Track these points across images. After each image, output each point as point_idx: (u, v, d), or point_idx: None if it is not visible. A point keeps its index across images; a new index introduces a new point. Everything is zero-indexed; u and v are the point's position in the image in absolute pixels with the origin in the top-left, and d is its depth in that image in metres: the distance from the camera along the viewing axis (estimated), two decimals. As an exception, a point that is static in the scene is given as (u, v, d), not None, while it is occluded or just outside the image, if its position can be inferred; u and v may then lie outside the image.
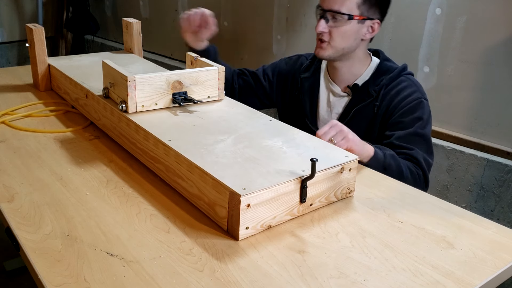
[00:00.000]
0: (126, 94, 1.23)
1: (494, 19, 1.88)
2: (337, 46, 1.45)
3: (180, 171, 1.07)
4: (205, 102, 1.35)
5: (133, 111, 1.24)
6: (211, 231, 0.96)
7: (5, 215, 0.98)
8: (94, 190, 1.10)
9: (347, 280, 0.84)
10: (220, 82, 1.37)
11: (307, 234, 0.96)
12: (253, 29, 2.87)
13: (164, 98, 1.28)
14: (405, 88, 1.45)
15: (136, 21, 1.85)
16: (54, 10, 4.13)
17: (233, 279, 0.83)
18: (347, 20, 1.41)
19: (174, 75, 1.29)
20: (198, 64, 1.41)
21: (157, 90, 1.27)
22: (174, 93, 1.29)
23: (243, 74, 1.73)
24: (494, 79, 1.93)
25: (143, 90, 1.24)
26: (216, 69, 1.36)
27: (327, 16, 1.42)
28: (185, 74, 1.30)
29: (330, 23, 1.43)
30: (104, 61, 1.33)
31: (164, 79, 1.27)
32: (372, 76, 1.50)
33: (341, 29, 1.42)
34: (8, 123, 1.43)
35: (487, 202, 1.99)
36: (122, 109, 1.24)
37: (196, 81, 1.32)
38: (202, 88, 1.34)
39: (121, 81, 1.24)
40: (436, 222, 1.02)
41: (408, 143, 1.40)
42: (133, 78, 1.22)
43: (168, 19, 3.44)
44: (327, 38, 1.44)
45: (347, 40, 1.45)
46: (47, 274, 0.82)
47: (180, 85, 1.29)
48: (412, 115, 1.42)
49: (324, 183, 1.04)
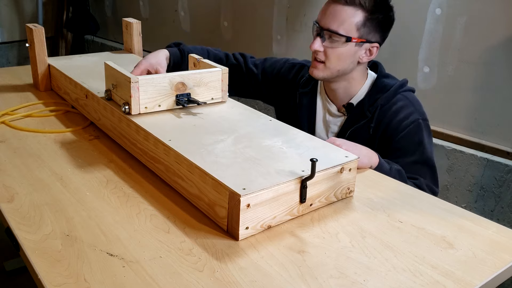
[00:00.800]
0: (129, 96, 1.21)
1: (494, 19, 1.88)
2: (332, 68, 1.38)
3: (180, 171, 1.07)
4: (209, 104, 1.34)
5: (136, 113, 1.23)
6: (211, 231, 0.96)
7: (5, 215, 0.98)
8: (94, 190, 1.10)
9: (347, 280, 0.84)
10: (223, 83, 1.35)
11: (307, 234, 0.96)
12: (253, 29, 2.87)
13: (168, 99, 1.27)
14: (402, 109, 1.38)
15: (136, 21, 1.85)
16: (54, 10, 4.13)
17: (233, 279, 0.83)
18: (344, 42, 1.34)
19: (177, 76, 1.27)
20: (202, 66, 1.40)
21: (161, 91, 1.25)
22: (178, 94, 1.28)
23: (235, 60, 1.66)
24: (494, 79, 1.93)
25: (147, 92, 1.23)
26: (219, 71, 1.34)
27: (324, 35, 1.35)
28: (188, 75, 1.29)
29: (326, 43, 1.36)
30: (107, 62, 1.31)
31: (168, 80, 1.26)
32: (367, 95, 1.43)
33: (337, 51, 1.35)
34: (8, 123, 1.43)
35: (487, 202, 1.99)
36: (125, 111, 1.23)
37: (199, 82, 1.31)
38: (205, 90, 1.33)
39: (124, 82, 1.23)
40: (436, 222, 1.02)
41: (412, 173, 1.35)
42: (136, 79, 1.20)
43: (168, 19, 3.44)
44: (323, 58, 1.37)
45: (343, 62, 1.38)
46: (47, 274, 0.82)
47: (183, 86, 1.28)
48: (411, 140, 1.36)
49: (324, 183, 1.04)
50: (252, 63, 1.64)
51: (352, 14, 1.33)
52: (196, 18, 3.25)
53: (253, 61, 1.66)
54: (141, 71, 1.43)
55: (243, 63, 1.64)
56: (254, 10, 2.83)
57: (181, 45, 1.61)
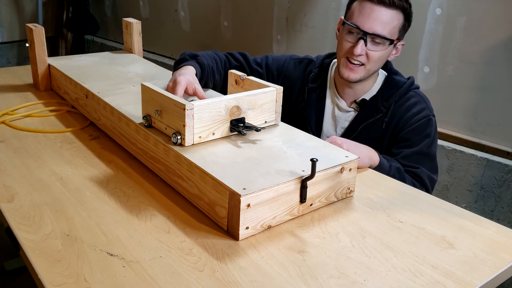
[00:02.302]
0: (182, 125, 1.06)
1: (494, 19, 1.88)
2: (371, 69, 1.40)
3: (180, 171, 1.07)
4: None
5: (189, 143, 1.08)
6: (211, 231, 0.96)
7: (5, 215, 0.98)
8: (94, 190, 1.10)
9: (347, 280, 0.84)
10: (277, 104, 1.23)
11: (307, 234, 0.96)
12: (253, 29, 2.87)
13: (222, 126, 1.13)
14: (415, 105, 1.42)
15: (136, 21, 1.85)
16: (54, 10, 4.13)
17: (233, 279, 0.83)
18: (388, 45, 1.37)
19: (232, 99, 1.13)
20: (247, 84, 1.27)
21: (215, 118, 1.11)
22: (232, 120, 1.14)
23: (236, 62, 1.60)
24: (494, 79, 1.93)
25: (201, 119, 1.08)
26: (274, 91, 1.21)
27: (367, 39, 1.35)
28: (243, 97, 1.15)
29: (369, 46, 1.36)
30: (146, 85, 1.14)
31: (223, 105, 1.11)
32: (380, 90, 1.46)
33: (379, 53, 1.37)
34: (8, 123, 1.43)
35: (487, 202, 1.99)
36: (176, 142, 1.07)
37: (254, 105, 1.17)
38: (259, 113, 1.19)
39: (174, 109, 1.07)
40: (436, 222, 1.02)
41: (414, 162, 1.38)
42: (191, 106, 1.05)
43: (168, 19, 3.44)
44: (364, 61, 1.38)
45: (381, 63, 1.41)
46: (47, 274, 0.82)
47: (238, 110, 1.14)
48: (421, 133, 1.40)
49: (324, 183, 1.04)
50: (255, 62, 1.62)
51: (396, 17, 1.36)
52: (196, 18, 3.25)
53: (254, 59, 1.64)
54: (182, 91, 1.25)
55: (245, 64, 1.62)
56: (254, 10, 2.83)
57: (198, 57, 1.45)
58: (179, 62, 1.42)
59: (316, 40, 2.55)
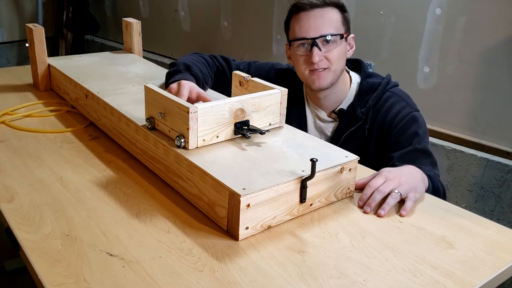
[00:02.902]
0: (186, 128, 1.05)
1: (494, 19, 1.88)
2: (337, 70, 1.38)
3: (180, 171, 1.07)
4: None
5: (193, 147, 1.07)
6: (211, 231, 0.96)
7: (5, 215, 0.98)
8: (94, 190, 1.10)
9: (347, 280, 0.84)
10: (282, 106, 1.21)
11: (307, 234, 0.96)
12: (253, 29, 2.87)
13: (226, 129, 1.12)
14: (394, 105, 1.40)
15: (136, 21, 1.85)
16: (54, 10, 4.13)
17: (233, 279, 0.83)
18: (340, 40, 1.36)
19: (236, 102, 1.12)
20: (251, 85, 1.25)
21: (220, 121, 1.10)
22: (236, 122, 1.13)
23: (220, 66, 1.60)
24: (494, 79, 1.93)
25: (206, 122, 1.07)
26: (279, 93, 1.19)
27: (318, 44, 1.34)
28: (247, 100, 1.14)
29: (323, 50, 1.35)
30: (149, 86, 1.14)
31: (228, 108, 1.10)
32: (356, 97, 1.44)
33: (336, 51, 1.36)
34: (8, 123, 1.43)
35: (487, 202, 1.99)
36: (180, 145, 1.07)
37: (258, 107, 1.16)
38: (263, 115, 1.18)
39: (178, 111, 1.06)
40: (436, 222, 1.02)
41: (410, 161, 1.32)
42: (195, 108, 1.04)
43: (168, 19, 3.44)
44: (326, 64, 1.37)
45: (342, 61, 1.39)
46: (47, 274, 0.82)
47: (242, 113, 1.13)
48: (407, 132, 1.37)
49: (324, 183, 1.04)
50: (236, 68, 1.58)
51: (333, 13, 1.37)
52: (196, 18, 3.25)
53: (237, 66, 1.60)
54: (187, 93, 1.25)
55: (226, 68, 1.59)
56: (254, 10, 2.83)
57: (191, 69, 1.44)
58: (172, 74, 1.41)
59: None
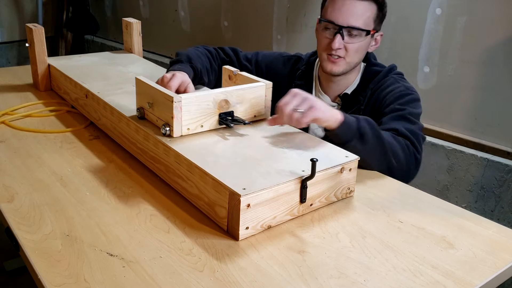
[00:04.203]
0: (171, 117, 1.10)
1: (494, 19, 1.88)
2: (351, 62, 1.42)
3: (180, 171, 1.07)
4: None
5: (178, 135, 1.12)
6: (211, 231, 0.96)
7: (5, 215, 0.98)
8: (94, 190, 1.10)
9: (347, 280, 0.84)
10: (267, 99, 1.26)
11: (307, 234, 0.96)
12: (253, 29, 2.87)
13: (211, 119, 1.17)
14: (391, 85, 1.43)
15: (136, 21, 1.85)
16: (54, 10, 4.13)
17: (233, 279, 0.83)
18: (364, 36, 1.38)
19: (221, 93, 1.17)
20: (239, 79, 1.30)
21: (204, 111, 1.15)
22: (221, 113, 1.18)
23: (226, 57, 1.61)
24: (494, 79, 1.93)
25: (190, 112, 1.13)
26: (263, 86, 1.24)
27: (343, 32, 1.37)
28: (232, 92, 1.18)
29: (346, 39, 1.38)
30: (139, 78, 1.20)
31: (212, 98, 1.15)
32: (359, 83, 1.48)
33: (357, 45, 1.39)
34: (8, 123, 1.43)
35: (487, 202, 1.99)
36: (165, 133, 1.12)
37: (242, 99, 1.21)
38: (248, 107, 1.23)
39: (164, 101, 1.12)
40: (436, 222, 1.02)
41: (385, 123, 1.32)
42: (179, 98, 1.09)
43: (168, 19, 3.44)
44: (343, 54, 1.40)
45: (361, 54, 1.43)
46: (47, 274, 0.82)
47: (227, 104, 1.18)
48: (392, 104, 1.36)
49: (324, 183, 1.04)
50: (245, 58, 1.62)
51: (368, 8, 1.38)
52: (196, 18, 3.25)
53: (245, 55, 1.64)
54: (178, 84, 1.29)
55: (235, 59, 1.62)
56: (254, 10, 2.83)
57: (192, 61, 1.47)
58: (174, 63, 1.47)
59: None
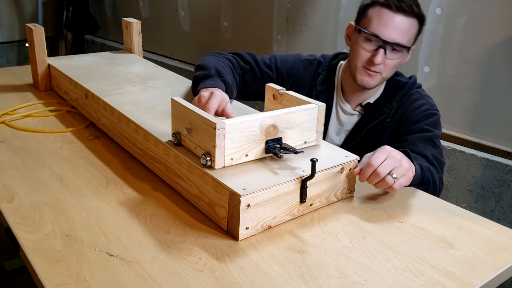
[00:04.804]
0: (213, 146, 0.97)
1: (494, 19, 1.88)
2: (386, 76, 1.41)
3: (180, 171, 1.07)
4: None
5: (220, 166, 0.99)
6: (211, 231, 0.96)
7: (5, 215, 0.98)
8: (94, 190, 1.10)
9: (347, 280, 0.84)
10: (319, 123, 1.12)
11: (307, 234, 0.96)
12: (253, 30, 2.87)
13: (257, 147, 1.03)
14: (416, 101, 1.42)
15: (136, 21, 1.85)
16: (54, 10, 4.13)
17: (233, 279, 0.83)
18: (405, 52, 1.37)
19: (268, 118, 1.03)
20: (285, 99, 1.17)
21: (249, 138, 1.01)
22: (268, 140, 1.04)
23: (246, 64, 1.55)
24: (494, 79, 1.93)
25: (234, 140, 0.99)
26: (315, 108, 1.10)
27: (387, 47, 1.34)
28: (280, 116, 1.04)
29: (387, 54, 1.35)
30: (176, 100, 1.05)
31: (258, 124, 1.01)
32: (383, 93, 1.46)
33: (396, 61, 1.37)
34: (8, 123, 1.43)
35: (487, 202, 1.99)
36: (205, 164, 0.99)
37: (292, 123, 1.07)
38: (298, 132, 1.09)
39: (204, 127, 0.98)
40: (436, 222, 1.02)
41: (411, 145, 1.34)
42: (222, 124, 0.96)
43: (168, 19, 3.44)
44: (382, 69, 1.37)
45: (396, 69, 1.42)
46: (47, 274, 0.82)
47: (274, 130, 1.04)
48: (420, 122, 1.38)
49: (324, 183, 1.04)
50: (264, 64, 1.55)
51: (414, 25, 1.36)
52: (196, 18, 3.25)
53: (263, 61, 1.57)
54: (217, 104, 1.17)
55: (255, 65, 1.55)
56: (254, 10, 2.83)
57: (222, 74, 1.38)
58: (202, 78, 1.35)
59: (316, 40, 2.55)
